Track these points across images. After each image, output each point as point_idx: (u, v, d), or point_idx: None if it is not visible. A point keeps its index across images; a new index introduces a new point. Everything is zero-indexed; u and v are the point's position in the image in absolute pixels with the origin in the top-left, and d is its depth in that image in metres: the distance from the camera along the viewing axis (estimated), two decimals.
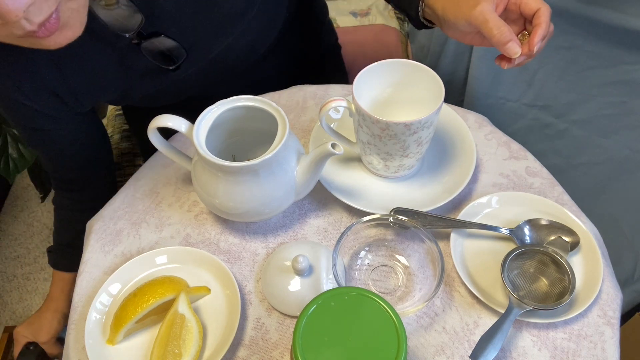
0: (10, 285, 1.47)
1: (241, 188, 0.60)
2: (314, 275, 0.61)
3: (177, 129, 0.60)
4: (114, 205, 0.71)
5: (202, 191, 0.63)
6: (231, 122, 0.64)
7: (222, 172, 0.59)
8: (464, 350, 0.58)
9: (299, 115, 0.79)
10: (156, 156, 0.76)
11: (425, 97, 0.65)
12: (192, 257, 0.64)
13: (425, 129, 0.62)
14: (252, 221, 0.68)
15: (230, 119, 0.63)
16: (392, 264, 0.64)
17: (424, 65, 0.66)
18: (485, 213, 0.67)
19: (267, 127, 0.62)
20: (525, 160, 0.73)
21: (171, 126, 0.60)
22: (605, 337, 0.58)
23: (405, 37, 1.24)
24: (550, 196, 0.69)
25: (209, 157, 0.57)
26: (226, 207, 0.62)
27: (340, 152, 0.58)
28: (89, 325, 0.59)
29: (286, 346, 0.59)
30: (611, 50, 0.80)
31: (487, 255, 0.64)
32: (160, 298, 0.58)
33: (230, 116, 0.63)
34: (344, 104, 0.64)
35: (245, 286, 0.63)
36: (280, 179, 0.61)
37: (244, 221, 0.68)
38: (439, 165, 0.71)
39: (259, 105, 0.62)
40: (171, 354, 0.55)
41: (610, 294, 0.61)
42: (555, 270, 0.61)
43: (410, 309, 0.57)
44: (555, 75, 0.89)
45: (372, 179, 0.71)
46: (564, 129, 0.94)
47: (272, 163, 0.59)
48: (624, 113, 0.85)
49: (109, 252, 0.67)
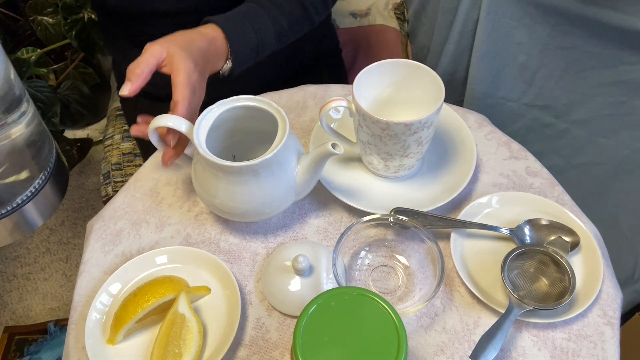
0: (10, 285, 1.47)
1: (241, 188, 0.60)
2: (314, 275, 0.61)
3: (177, 128, 0.60)
4: (114, 205, 0.71)
5: (202, 191, 0.63)
6: (231, 122, 0.64)
7: (222, 172, 0.59)
8: (464, 350, 0.58)
9: (299, 115, 0.79)
10: (156, 156, 0.76)
11: (425, 97, 0.65)
12: (192, 257, 0.64)
13: (426, 129, 0.62)
14: (252, 221, 0.68)
15: (231, 119, 0.63)
16: (392, 264, 0.64)
17: (424, 65, 0.66)
18: (485, 213, 0.67)
19: (267, 127, 0.62)
20: (525, 160, 0.73)
21: (171, 126, 0.60)
22: (606, 337, 0.58)
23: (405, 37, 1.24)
24: (550, 196, 0.69)
25: (209, 156, 0.57)
26: (226, 207, 0.62)
27: (340, 152, 0.58)
28: (89, 325, 0.59)
29: (286, 346, 0.59)
30: (611, 50, 0.80)
31: (487, 255, 0.64)
32: (160, 298, 0.58)
33: (230, 116, 0.63)
34: (344, 104, 0.64)
35: (246, 286, 0.63)
36: (281, 179, 0.61)
37: (244, 221, 0.68)
38: (439, 165, 0.71)
39: (259, 105, 0.62)
40: (171, 354, 0.55)
41: (610, 294, 0.61)
42: (556, 270, 0.61)
43: (411, 309, 0.57)
44: (555, 75, 0.89)
45: (372, 179, 0.71)
46: (564, 129, 0.94)
47: (272, 163, 0.59)
48: (624, 113, 0.85)
49: (109, 252, 0.67)
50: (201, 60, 0.66)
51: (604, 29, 0.78)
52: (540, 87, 0.92)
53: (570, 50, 0.84)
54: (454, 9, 0.97)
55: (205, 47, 0.68)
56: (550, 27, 0.84)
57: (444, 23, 1.02)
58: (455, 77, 1.04)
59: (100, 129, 1.67)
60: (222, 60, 0.71)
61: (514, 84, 0.94)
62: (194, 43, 0.66)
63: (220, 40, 0.70)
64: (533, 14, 0.84)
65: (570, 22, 0.80)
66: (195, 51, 0.66)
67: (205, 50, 0.68)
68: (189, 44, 0.66)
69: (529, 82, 0.92)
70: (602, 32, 0.79)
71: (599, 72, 0.84)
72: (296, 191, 0.63)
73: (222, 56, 0.71)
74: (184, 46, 0.65)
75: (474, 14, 0.93)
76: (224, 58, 0.71)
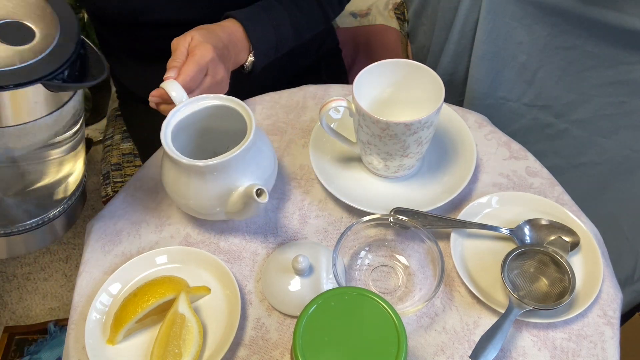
0: (10, 285, 1.47)
1: (187, 181, 0.61)
2: (314, 275, 0.61)
3: (168, 91, 0.62)
4: (114, 205, 0.71)
5: (165, 182, 0.64)
6: (204, 121, 0.65)
7: (175, 164, 0.60)
8: (464, 350, 0.58)
9: (299, 115, 0.79)
10: (156, 156, 0.76)
11: (425, 97, 0.65)
12: (192, 257, 0.64)
13: (426, 129, 0.62)
14: (201, 217, 0.67)
15: (203, 118, 0.64)
16: (392, 264, 0.64)
17: (424, 65, 0.66)
18: (485, 213, 0.67)
19: (239, 125, 0.62)
20: (525, 160, 0.73)
21: (165, 88, 0.62)
22: (605, 337, 0.58)
23: (405, 37, 1.24)
24: (550, 196, 0.69)
25: (167, 148, 0.59)
26: (174, 196, 0.64)
27: (263, 201, 0.56)
28: (89, 325, 0.59)
29: (286, 346, 0.59)
30: (611, 50, 0.80)
31: (487, 255, 0.64)
32: (160, 298, 0.58)
33: (202, 115, 0.63)
34: (344, 104, 0.64)
35: (246, 286, 0.63)
36: (217, 186, 0.60)
37: (197, 216, 0.67)
38: (439, 165, 0.71)
39: (226, 104, 0.62)
40: (171, 354, 0.55)
41: (610, 294, 0.61)
42: (555, 270, 0.61)
43: (411, 308, 0.57)
44: (555, 75, 0.89)
45: (372, 179, 0.71)
46: (564, 129, 0.94)
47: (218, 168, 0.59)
48: (624, 113, 0.85)
49: (109, 252, 0.67)
50: (220, 45, 0.69)
51: (604, 29, 0.78)
52: (540, 87, 0.92)
53: (570, 50, 0.84)
54: (454, 9, 0.97)
55: (224, 37, 0.71)
56: (550, 27, 0.84)
57: (444, 23, 1.02)
58: (455, 77, 1.04)
59: (100, 129, 1.67)
60: (245, 52, 0.75)
61: (514, 84, 0.94)
62: (213, 31, 0.71)
63: (240, 33, 0.74)
64: (533, 14, 0.84)
65: (570, 22, 0.80)
66: (214, 38, 0.69)
67: (225, 40, 0.71)
68: (209, 32, 0.70)
69: (529, 82, 0.92)
70: (602, 32, 0.79)
71: (599, 72, 0.84)
72: (226, 210, 0.62)
73: (244, 49, 0.74)
74: (204, 34, 0.69)
75: (474, 14, 0.93)
76: (246, 50, 0.75)
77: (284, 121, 0.79)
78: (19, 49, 0.47)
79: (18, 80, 0.46)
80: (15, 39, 0.47)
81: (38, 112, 0.49)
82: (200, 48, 0.67)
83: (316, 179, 0.70)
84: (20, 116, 0.48)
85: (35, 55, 0.48)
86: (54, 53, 0.49)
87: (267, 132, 0.77)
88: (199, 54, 0.66)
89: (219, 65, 0.69)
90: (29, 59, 0.47)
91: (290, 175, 0.73)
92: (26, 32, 0.49)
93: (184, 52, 0.67)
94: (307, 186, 0.72)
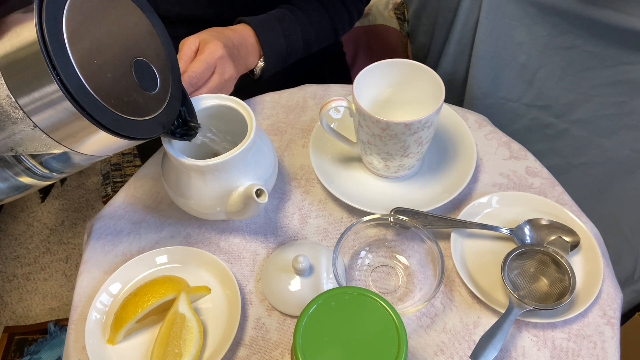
0: (10, 285, 1.47)
1: (189, 181, 0.61)
2: (314, 275, 0.61)
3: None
4: (114, 205, 0.71)
5: (164, 180, 0.64)
6: (204, 121, 0.64)
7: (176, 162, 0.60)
8: (464, 350, 0.58)
9: (299, 115, 0.79)
10: (156, 156, 0.76)
11: (426, 97, 0.65)
12: (193, 257, 0.64)
13: (426, 129, 0.62)
14: (200, 217, 0.67)
15: (203, 118, 0.63)
16: (392, 264, 0.64)
17: (424, 65, 0.66)
18: (485, 213, 0.67)
19: (239, 125, 0.62)
20: (525, 160, 0.73)
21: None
22: (606, 337, 0.58)
23: (405, 37, 1.24)
24: (550, 196, 0.69)
25: (167, 147, 0.59)
26: (174, 195, 0.64)
27: (263, 201, 0.57)
28: (89, 325, 0.59)
29: (286, 346, 0.59)
30: (611, 50, 0.80)
31: (487, 255, 0.64)
32: (160, 298, 0.58)
33: (202, 115, 0.63)
34: (344, 104, 0.64)
35: (246, 286, 0.63)
36: (219, 186, 0.60)
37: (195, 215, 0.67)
38: (439, 165, 0.71)
39: (227, 104, 0.62)
40: (171, 354, 0.55)
41: (610, 294, 0.61)
42: (556, 270, 0.61)
43: (411, 308, 0.57)
44: (555, 75, 0.89)
45: (372, 179, 0.71)
46: (564, 129, 0.94)
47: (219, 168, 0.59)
48: (624, 113, 0.85)
49: (109, 252, 0.67)
50: (230, 44, 0.70)
51: (604, 29, 0.78)
52: (540, 87, 0.92)
53: (570, 50, 0.84)
54: (454, 9, 0.97)
55: (235, 38, 0.72)
56: (550, 27, 0.84)
57: (444, 23, 1.02)
58: (455, 77, 1.04)
59: None
60: (255, 56, 0.75)
61: (514, 84, 0.94)
62: (224, 33, 0.71)
63: (251, 37, 0.74)
64: (533, 14, 0.84)
65: (570, 22, 0.80)
66: (225, 37, 0.70)
67: (236, 41, 0.71)
68: (219, 32, 0.71)
69: (529, 82, 0.92)
70: (602, 32, 0.79)
71: (599, 72, 0.83)
72: (226, 210, 0.62)
73: (254, 53, 0.75)
74: (214, 34, 0.70)
75: (474, 14, 0.93)
76: (256, 54, 0.75)
77: (284, 121, 0.79)
78: (150, 95, 0.50)
79: (151, 134, 0.49)
80: (144, 81, 0.49)
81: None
82: (210, 45, 0.67)
83: (316, 179, 0.70)
84: (106, 150, 0.50)
85: (160, 104, 0.51)
86: (171, 104, 0.52)
87: (267, 132, 0.77)
88: (208, 50, 0.66)
89: (228, 63, 0.69)
90: (157, 109, 0.50)
91: (290, 175, 0.73)
92: (151, 75, 0.50)
93: (192, 48, 0.67)
94: (307, 186, 0.72)
